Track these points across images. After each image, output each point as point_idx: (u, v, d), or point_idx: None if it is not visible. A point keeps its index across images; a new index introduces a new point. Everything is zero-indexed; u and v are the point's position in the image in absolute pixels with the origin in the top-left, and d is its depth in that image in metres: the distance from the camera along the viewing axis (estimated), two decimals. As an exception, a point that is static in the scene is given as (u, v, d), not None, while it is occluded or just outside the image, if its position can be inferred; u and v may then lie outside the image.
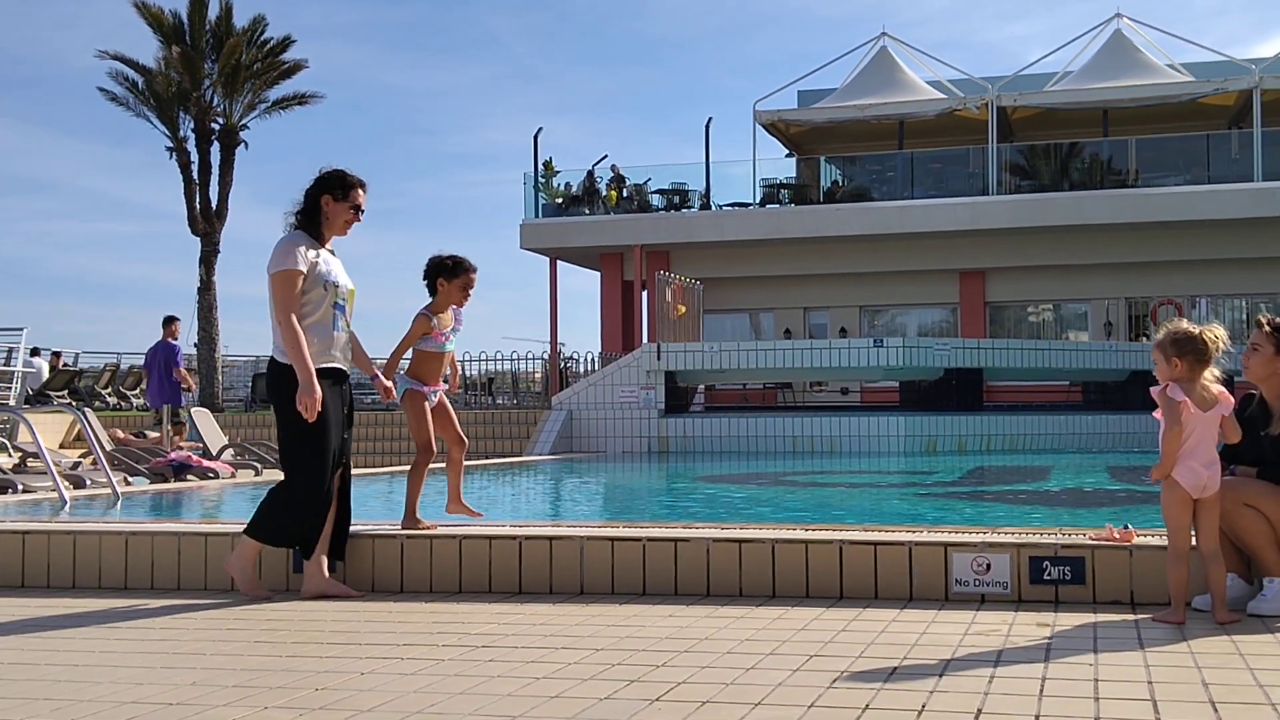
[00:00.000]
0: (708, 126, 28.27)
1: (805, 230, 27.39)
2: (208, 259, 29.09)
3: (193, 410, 16.65)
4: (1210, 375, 4.81)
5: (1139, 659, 4.09)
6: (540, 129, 29.01)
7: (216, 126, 29.17)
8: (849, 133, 29.64)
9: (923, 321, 29.58)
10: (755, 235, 27.79)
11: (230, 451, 15.38)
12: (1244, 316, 27.15)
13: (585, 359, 25.68)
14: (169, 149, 29.01)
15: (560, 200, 29.20)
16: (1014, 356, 20.41)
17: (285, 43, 29.73)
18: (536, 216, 29.08)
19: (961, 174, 28.31)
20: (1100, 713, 3.38)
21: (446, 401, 6.54)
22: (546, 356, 27.42)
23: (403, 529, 6.14)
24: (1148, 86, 26.97)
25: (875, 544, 5.47)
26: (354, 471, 6.18)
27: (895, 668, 3.98)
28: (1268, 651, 4.19)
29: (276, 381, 5.70)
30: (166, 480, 12.52)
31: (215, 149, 29.28)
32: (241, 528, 5.87)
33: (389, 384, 6.14)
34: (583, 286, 52.44)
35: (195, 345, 28.96)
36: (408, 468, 6.48)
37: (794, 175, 29.89)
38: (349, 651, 4.49)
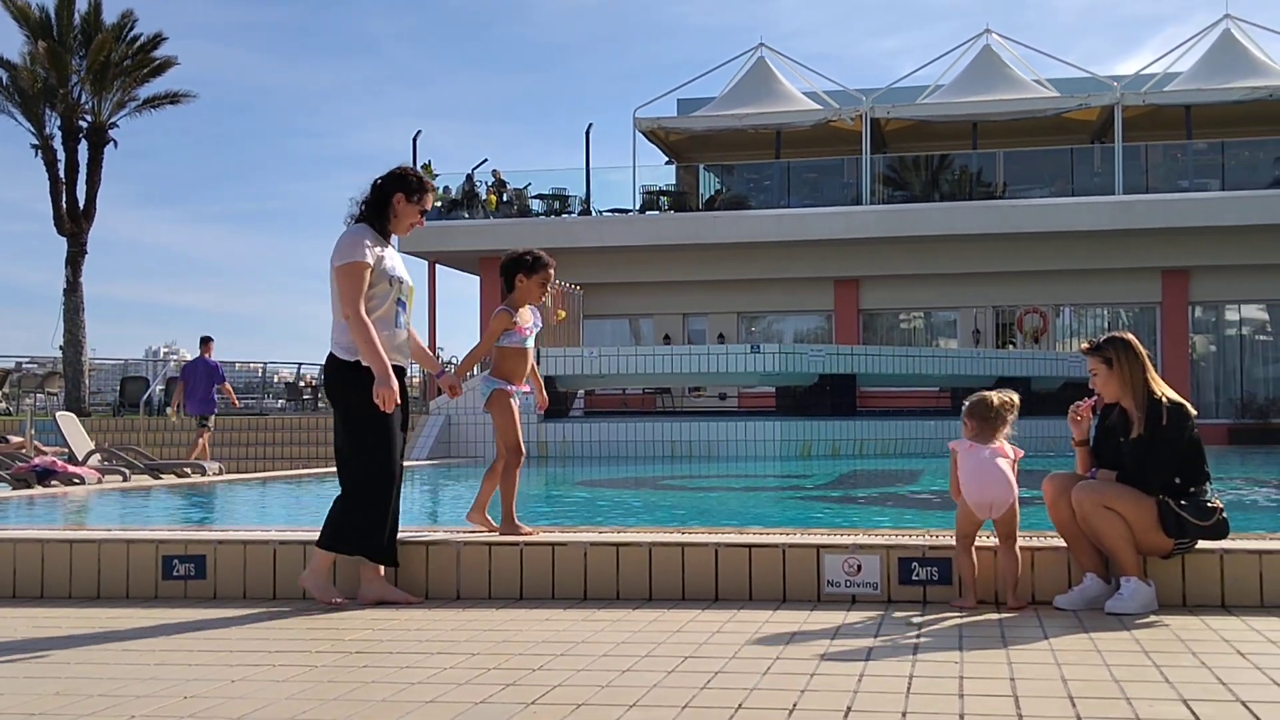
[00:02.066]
0: (588, 132, 28.39)
1: (684, 237, 27.63)
2: (74, 260, 28.30)
3: (58, 415, 16.37)
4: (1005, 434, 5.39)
5: (1002, 657, 4.22)
6: (419, 132, 28.90)
7: (84, 124, 28.42)
8: (727, 141, 29.97)
9: (798, 328, 29.97)
10: (635, 241, 27.96)
11: (97, 457, 15.06)
12: (1105, 325, 28.01)
13: (464, 364, 25.47)
14: (34, 146, 28.19)
15: (440, 204, 28.99)
16: (886, 363, 20.84)
17: (156, 40, 29.09)
18: (415, 220, 28.80)
19: (836, 184, 28.83)
20: (965, 709, 3.48)
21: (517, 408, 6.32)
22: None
23: (502, 534, 5.96)
24: (1015, 101, 27.74)
25: (750, 546, 5.55)
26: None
27: (768, 668, 4.05)
28: (1124, 649, 4.34)
29: (340, 380, 5.45)
30: (30, 486, 12.17)
31: (83, 147, 28.52)
32: (104, 533, 5.72)
33: (456, 383, 5.90)
34: (462, 291, 52.23)
35: (60, 348, 28.16)
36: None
37: (673, 182, 30.11)
38: (219, 659, 4.41)
